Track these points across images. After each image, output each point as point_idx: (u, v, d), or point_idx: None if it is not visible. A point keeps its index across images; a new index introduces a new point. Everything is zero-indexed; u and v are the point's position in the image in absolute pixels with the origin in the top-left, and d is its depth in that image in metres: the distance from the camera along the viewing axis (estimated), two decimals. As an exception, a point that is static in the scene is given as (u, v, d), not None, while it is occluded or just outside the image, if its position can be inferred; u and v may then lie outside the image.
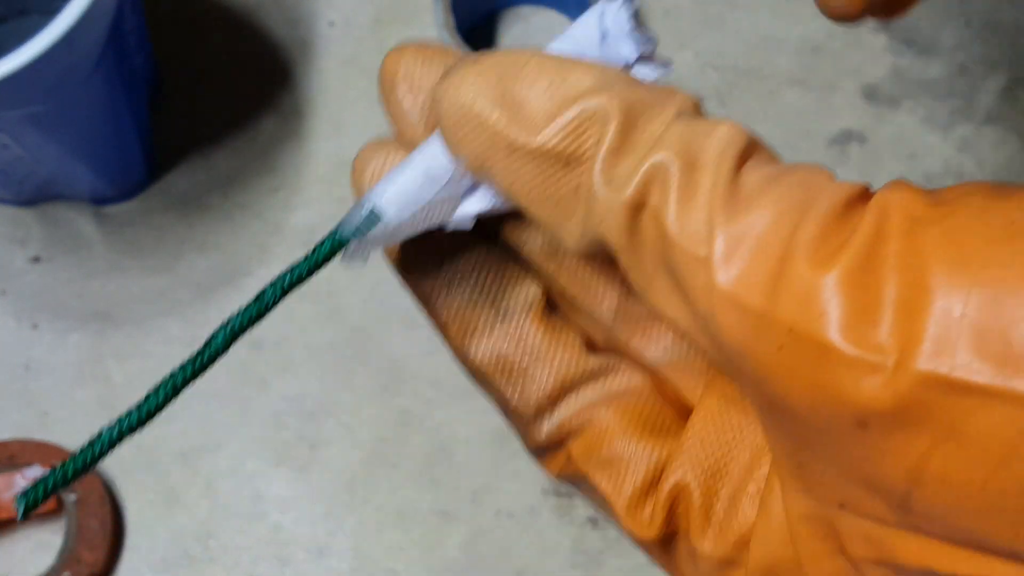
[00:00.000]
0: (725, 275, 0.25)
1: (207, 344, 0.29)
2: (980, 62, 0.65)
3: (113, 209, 0.64)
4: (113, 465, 0.61)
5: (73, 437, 0.61)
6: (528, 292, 0.32)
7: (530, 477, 0.60)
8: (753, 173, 0.26)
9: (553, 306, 0.33)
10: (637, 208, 0.26)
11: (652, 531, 0.30)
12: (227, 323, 0.29)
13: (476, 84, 0.28)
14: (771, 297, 0.25)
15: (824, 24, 0.65)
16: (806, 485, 0.27)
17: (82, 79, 0.54)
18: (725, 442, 0.30)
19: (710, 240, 0.25)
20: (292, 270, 0.30)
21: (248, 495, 0.60)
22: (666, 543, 0.30)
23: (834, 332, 0.24)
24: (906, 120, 0.64)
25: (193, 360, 0.29)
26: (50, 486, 0.28)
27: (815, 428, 0.25)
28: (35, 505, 0.28)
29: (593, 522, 0.59)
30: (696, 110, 0.27)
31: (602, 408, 0.31)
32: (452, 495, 0.60)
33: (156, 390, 0.29)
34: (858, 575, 0.26)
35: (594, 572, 0.59)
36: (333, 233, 0.30)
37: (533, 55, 0.28)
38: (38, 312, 0.62)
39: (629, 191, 0.26)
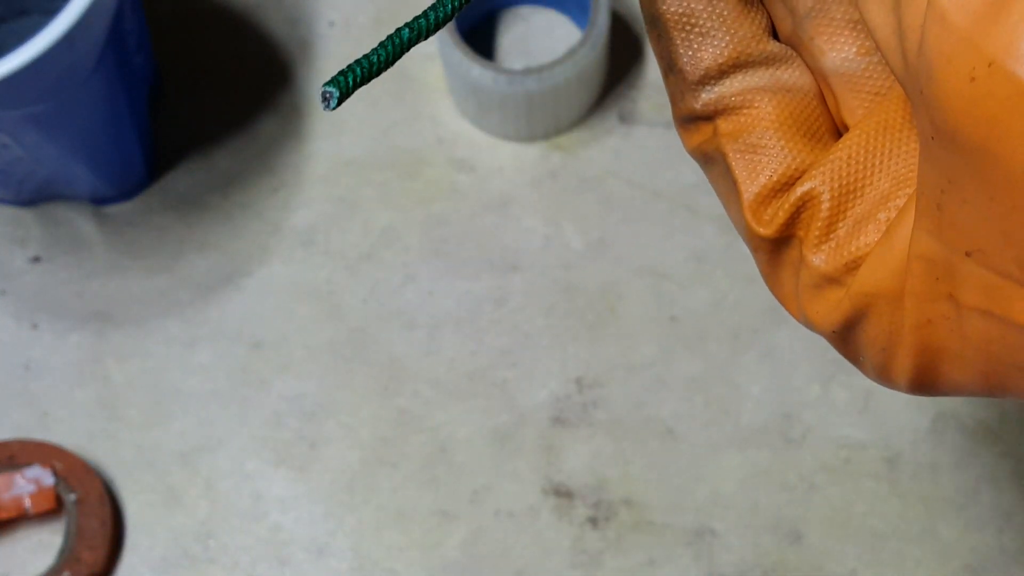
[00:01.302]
0: None
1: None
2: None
3: (113, 209, 0.64)
4: (113, 465, 0.61)
5: (73, 437, 0.61)
6: None
7: (530, 477, 0.60)
8: None
9: None
10: None
11: (770, 229, 0.30)
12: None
13: None
14: (982, 24, 0.24)
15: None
16: (939, 227, 0.27)
17: (82, 79, 0.54)
18: (870, 165, 0.29)
19: None
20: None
21: (248, 495, 0.60)
22: (776, 246, 0.30)
23: None
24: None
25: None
26: (358, 75, 0.27)
27: (973, 169, 0.25)
28: (347, 93, 0.27)
29: (592, 522, 0.60)
30: None
31: (765, 95, 0.31)
32: (452, 495, 0.60)
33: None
34: (958, 320, 0.27)
35: (594, 572, 0.59)
36: None
37: None
38: (38, 312, 0.63)
39: None
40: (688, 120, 0.32)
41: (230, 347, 0.62)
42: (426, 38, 0.29)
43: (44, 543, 0.60)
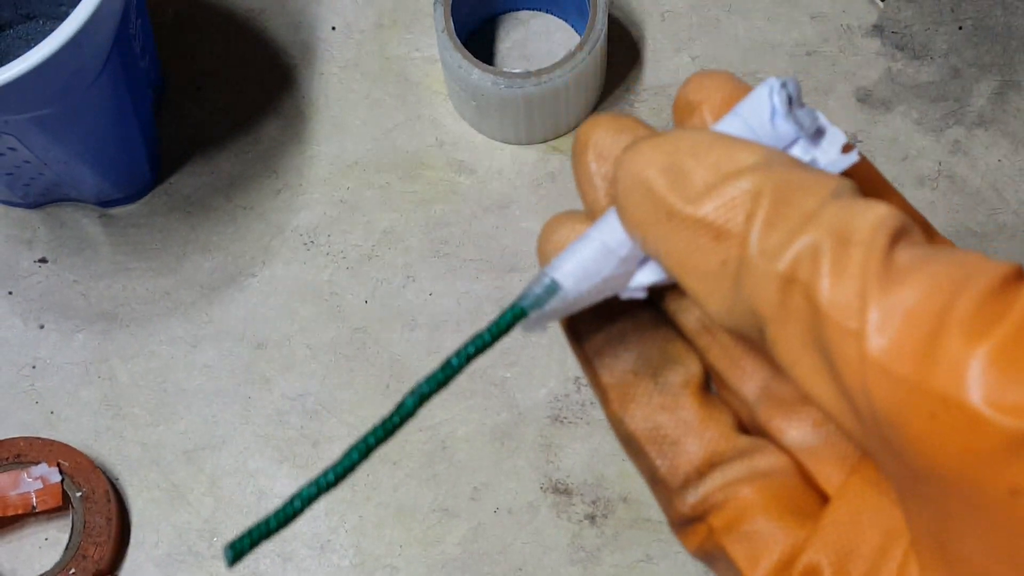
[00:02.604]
0: (878, 345, 0.25)
1: (397, 409, 0.30)
2: (972, 65, 0.65)
3: (118, 211, 0.64)
4: (119, 463, 0.61)
5: (79, 435, 0.61)
6: (688, 368, 0.33)
7: (529, 475, 0.60)
8: (907, 251, 0.26)
9: (710, 384, 0.33)
10: (789, 281, 0.27)
11: None
12: (415, 389, 0.30)
13: (650, 155, 0.29)
14: (924, 367, 0.25)
15: (819, 29, 0.66)
16: (948, 565, 0.26)
17: (88, 83, 0.54)
18: (859, 523, 0.30)
19: (863, 312, 0.25)
20: (476, 339, 0.31)
21: (251, 492, 0.61)
22: None
23: (988, 403, 0.24)
24: (899, 123, 0.64)
25: (384, 423, 0.30)
26: (255, 537, 0.30)
27: (963, 500, 0.25)
28: (242, 554, 0.30)
29: (591, 519, 0.60)
30: (853, 192, 0.27)
31: (747, 485, 0.31)
32: (452, 492, 0.60)
33: (350, 451, 0.31)
34: None
35: (592, 568, 0.59)
36: (515, 304, 0.31)
37: (708, 134, 0.29)
38: (44, 312, 0.63)
39: (782, 264, 0.27)
40: (683, 524, 0.32)
41: (234, 347, 0.62)
42: (325, 493, 0.31)
43: (51, 540, 0.60)
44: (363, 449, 0.30)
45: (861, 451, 0.31)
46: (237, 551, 0.30)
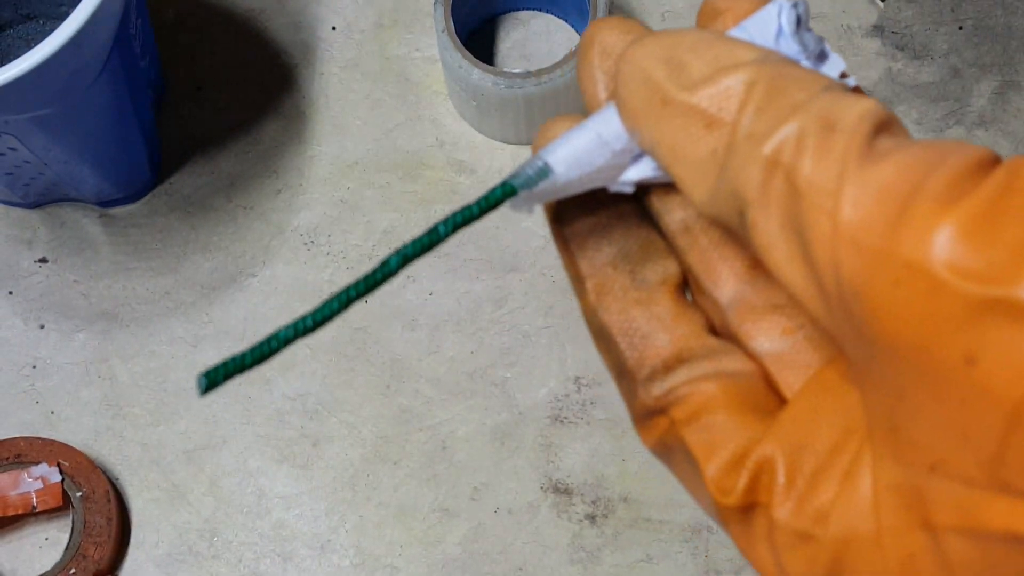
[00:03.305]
0: (849, 217, 0.26)
1: (381, 266, 0.31)
2: (972, 65, 0.65)
3: (119, 211, 0.64)
4: (119, 463, 0.61)
5: (79, 435, 0.61)
6: (666, 267, 0.33)
7: (529, 475, 0.60)
8: (889, 139, 0.27)
9: (686, 289, 0.34)
10: (773, 164, 0.27)
11: (733, 497, 0.31)
12: (400, 250, 0.31)
13: (652, 47, 0.30)
14: (892, 234, 0.25)
15: (819, 29, 0.66)
16: (898, 450, 0.27)
17: (88, 83, 0.54)
18: (816, 421, 0.30)
19: (839, 190, 0.26)
20: (465, 209, 0.31)
21: (251, 492, 0.61)
22: (745, 515, 0.31)
23: (950, 269, 0.25)
24: (900, 123, 0.64)
25: (367, 278, 0.31)
26: (229, 370, 0.31)
27: (918, 373, 0.26)
28: (215, 385, 0.30)
29: (591, 519, 0.60)
30: (845, 88, 0.28)
31: (711, 382, 0.32)
32: (452, 492, 0.60)
33: (330, 300, 0.31)
34: (937, 550, 0.27)
35: (592, 568, 0.59)
36: (505, 182, 0.31)
37: (711, 33, 0.30)
38: (45, 312, 0.63)
39: (768, 147, 0.27)
40: (645, 417, 0.33)
41: (234, 347, 0.62)
42: (301, 337, 0.32)
43: (51, 540, 0.60)
44: (343, 299, 0.31)
45: (827, 338, 0.32)
46: (211, 380, 0.30)
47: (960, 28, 0.65)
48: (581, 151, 0.31)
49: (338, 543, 0.60)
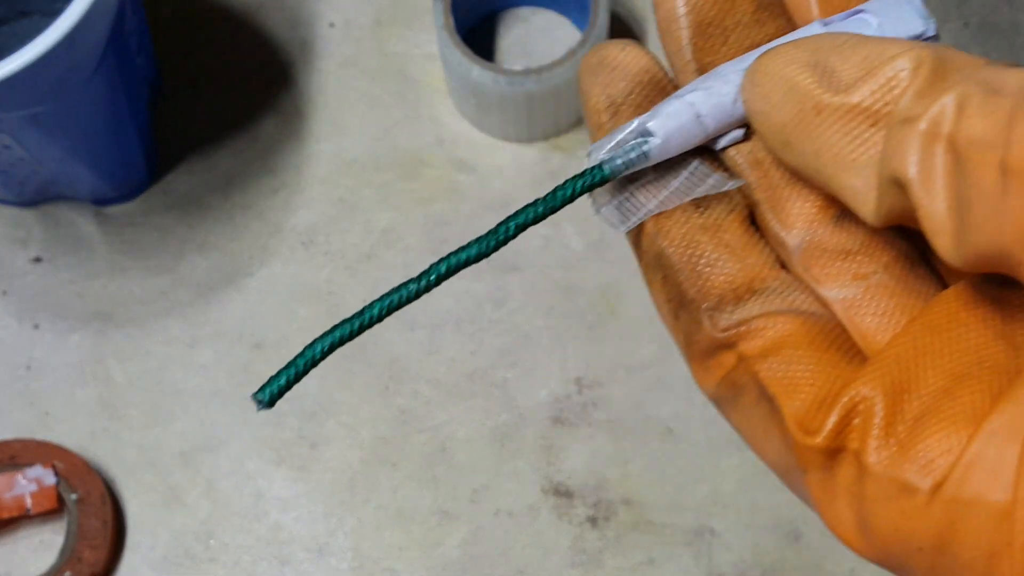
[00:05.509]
0: (1020, 156, 0.25)
1: (491, 234, 0.31)
2: (978, 63, 0.65)
3: (114, 210, 0.64)
4: (114, 465, 0.61)
5: (74, 437, 0.61)
6: (732, 199, 0.32)
7: (529, 477, 0.60)
8: None
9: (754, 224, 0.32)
10: (932, 137, 0.26)
11: (821, 436, 0.28)
12: (511, 218, 0.31)
13: (792, 53, 0.29)
14: None
15: (823, 25, 0.66)
16: None
17: (83, 80, 0.54)
18: (922, 363, 0.28)
19: (1008, 140, 0.25)
20: (558, 190, 0.31)
21: (249, 494, 0.60)
22: (830, 459, 0.29)
23: None
24: (904, 121, 0.64)
25: (481, 241, 0.31)
26: (284, 382, 0.31)
27: None
28: (277, 398, 0.30)
29: (592, 521, 0.60)
30: (1007, 63, 0.27)
31: (787, 316, 0.30)
32: (452, 495, 0.60)
33: (430, 268, 0.31)
34: None
35: (593, 571, 0.59)
36: (602, 164, 0.31)
37: (849, 35, 0.29)
38: (39, 312, 0.63)
39: (924, 122, 0.26)
40: (707, 354, 0.31)
41: (231, 347, 0.62)
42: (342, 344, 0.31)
43: (45, 542, 0.60)
44: (454, 263, 0.31)
45: (904, 283, 0.30)
46: (272, 397, 0.30)
47: (966, 25, 0.65)
48: (682, 130, 0.30)
49: (336, 546, 0.60)
